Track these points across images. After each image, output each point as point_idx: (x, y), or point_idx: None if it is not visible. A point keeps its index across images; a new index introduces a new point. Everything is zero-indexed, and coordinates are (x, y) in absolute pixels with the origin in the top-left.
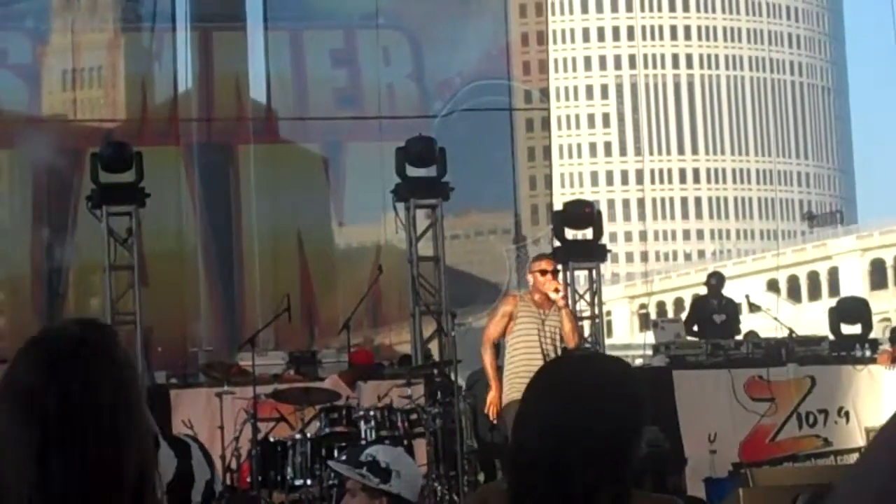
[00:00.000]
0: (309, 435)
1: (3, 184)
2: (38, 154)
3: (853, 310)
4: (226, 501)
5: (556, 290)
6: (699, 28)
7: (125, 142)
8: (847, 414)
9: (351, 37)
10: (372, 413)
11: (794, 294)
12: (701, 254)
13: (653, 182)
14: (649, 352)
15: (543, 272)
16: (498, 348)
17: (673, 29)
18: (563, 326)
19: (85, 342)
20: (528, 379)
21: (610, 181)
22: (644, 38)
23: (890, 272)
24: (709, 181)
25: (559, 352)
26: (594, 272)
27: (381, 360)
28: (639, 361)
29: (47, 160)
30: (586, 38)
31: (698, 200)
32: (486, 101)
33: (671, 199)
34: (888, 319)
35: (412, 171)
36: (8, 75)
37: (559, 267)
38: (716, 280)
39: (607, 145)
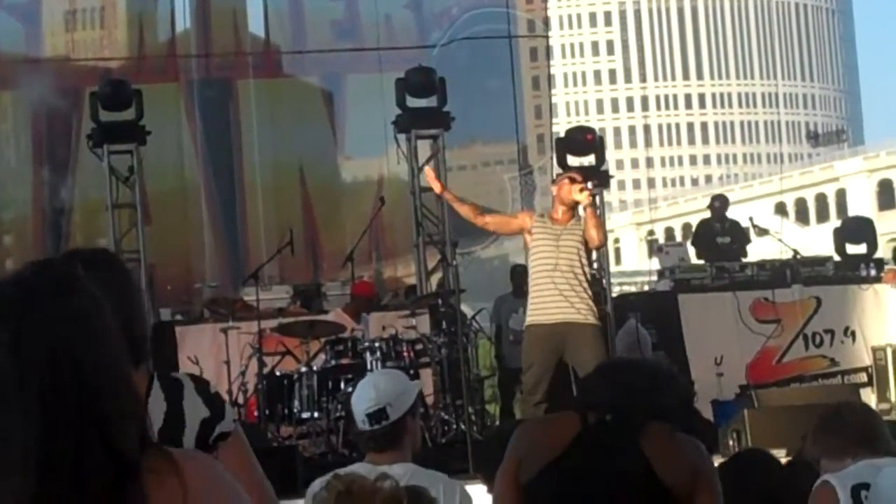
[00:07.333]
0: (315, 368)
1: (7, 125)
2: (37, 95)
3: (858, 229)
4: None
5: (582, 191)
6: None
7: (124, 79)
8: (853, 333)
9: None
10: (377, 344)
11: (802, 216)
12: (708, 179)
13: (658, 108)
14: (655, 277)
15: (573, 180)
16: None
17: None
18: (585, 227)
19: (23, 285)
20: (546, 304)
21: (615, 108)
22: None
23: None
24: (714, 105)
25: (581, 271)
26: (598, 199)
27: (389, 291)
28: (645, 287)
29: (47, 101)
30: None
31: (704, 125)
32: (486, 29)
33: (677, 125)
34: None
35: (412, 102)
36: (4, 16)
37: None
38: (719, 203)
39: (612, 72)
